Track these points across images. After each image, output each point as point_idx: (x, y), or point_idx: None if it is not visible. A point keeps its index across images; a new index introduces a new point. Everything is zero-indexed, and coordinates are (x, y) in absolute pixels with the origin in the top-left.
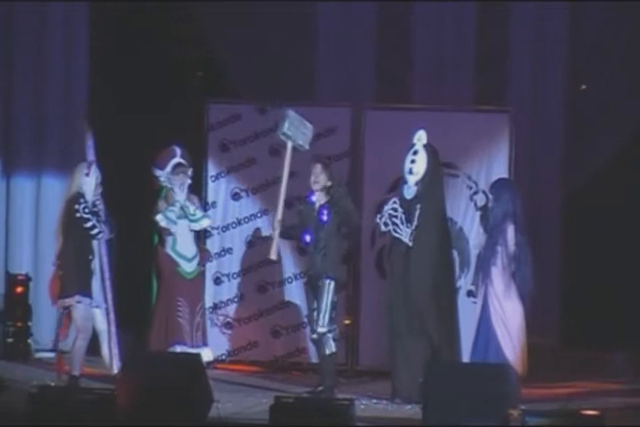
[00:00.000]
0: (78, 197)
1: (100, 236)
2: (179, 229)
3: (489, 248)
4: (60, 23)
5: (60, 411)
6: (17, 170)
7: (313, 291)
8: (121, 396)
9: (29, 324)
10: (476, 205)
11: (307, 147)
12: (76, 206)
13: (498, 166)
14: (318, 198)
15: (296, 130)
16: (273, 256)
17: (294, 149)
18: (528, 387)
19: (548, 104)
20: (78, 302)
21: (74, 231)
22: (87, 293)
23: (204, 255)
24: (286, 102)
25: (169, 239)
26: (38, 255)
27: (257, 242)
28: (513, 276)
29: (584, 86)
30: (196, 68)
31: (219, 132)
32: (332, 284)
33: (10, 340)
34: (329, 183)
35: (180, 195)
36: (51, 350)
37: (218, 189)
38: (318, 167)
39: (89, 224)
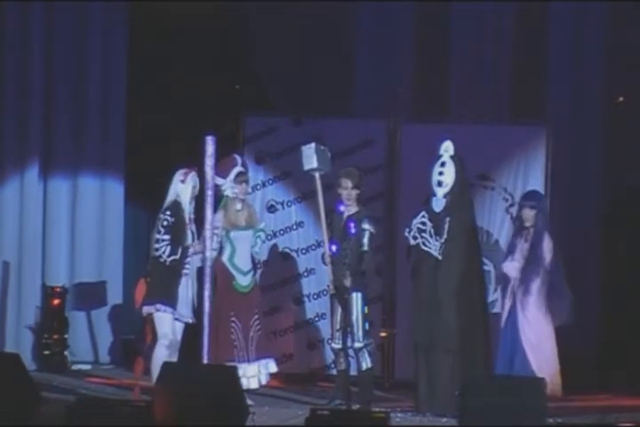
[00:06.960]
0: (167, 207)
1: (164, 258)
2: (238, 241)
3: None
4: (99, 29)
5: (97, 423)
6: (54, 172)
7: (341, 303)
8: (157, 407)
9: (66, 336)
10: (512, 217)
11: (330, 169)
12: (160, 215)
13: (534, 179)
14: (347, 209)
15: (324, 160)
16: (332, 291)
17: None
18: (565, 400)
19: (586, 117)
20: (157, 310)
21: None
22: (169, 302)
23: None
24: (323, 115)
25: (227, 250)
26: (75, 266)
27: (292, 255)
28: (548, 290)
29: (621, 98)
30: (233, 80)
31: (254, 145)
32: (360, 296)
33: (46, 352)
34: (358, 192)
35: (239, 204)
36: (87, 362)
37: (253, 201)
38: (349, 183)
39: (159, 245)
